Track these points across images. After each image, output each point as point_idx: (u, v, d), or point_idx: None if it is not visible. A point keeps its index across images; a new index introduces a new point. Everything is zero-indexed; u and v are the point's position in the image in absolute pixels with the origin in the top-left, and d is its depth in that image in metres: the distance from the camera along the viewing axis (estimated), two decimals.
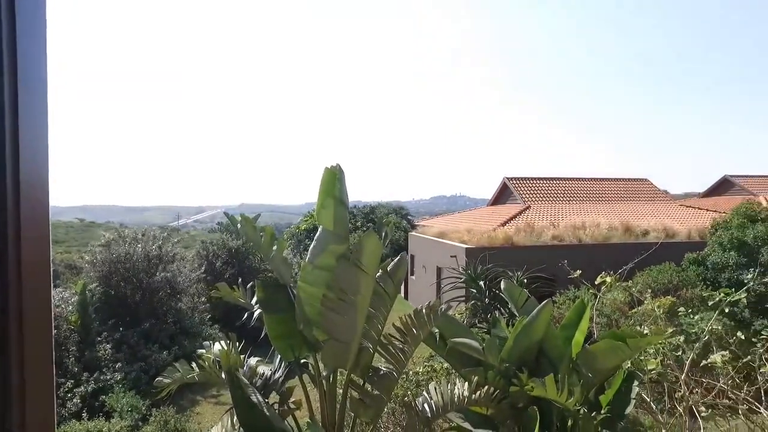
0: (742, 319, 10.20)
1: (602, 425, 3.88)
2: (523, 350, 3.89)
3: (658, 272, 10.96)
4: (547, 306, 3.78)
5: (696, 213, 23.32)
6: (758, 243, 10.52)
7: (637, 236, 18.08)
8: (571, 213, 22.37)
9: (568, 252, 14.93)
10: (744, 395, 4.34)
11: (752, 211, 12.01)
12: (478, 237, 18.38)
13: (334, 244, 3.36)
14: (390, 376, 3.63)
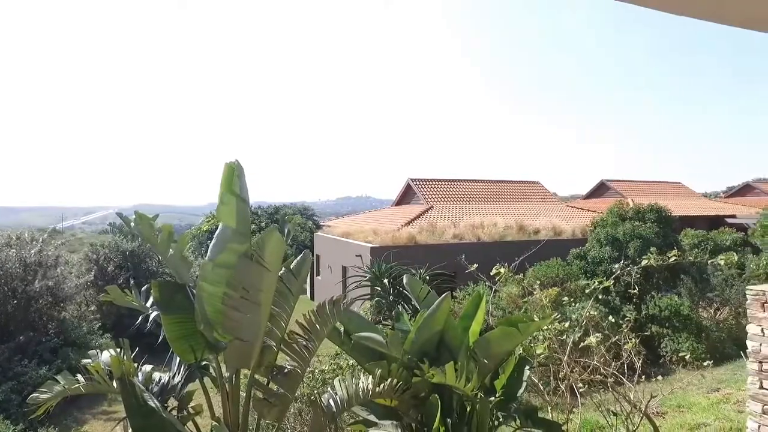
0: (614, 306, 11.44)
1: (497, 408, 4.16)
2: (425, 341, 4.05)
3: (547, 267, 11.92)
4: (446, 299, 3.97)
5: (579, 213, 25.68)
6: (626, 238, 11.86)
7: (529, 234, 19.51)
8: (471, 213, 23.61)
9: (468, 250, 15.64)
10: (612, 370, 4.91)
11: (622, 211, 13.49)
12: (383, 236, 18.76)
13: (236, 242, 3.28)
14: (295, 374, 3.62)
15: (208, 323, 3.32)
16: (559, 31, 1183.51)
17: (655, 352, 11.14)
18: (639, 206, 13.52)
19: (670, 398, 8.02)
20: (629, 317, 5.41)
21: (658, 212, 13.08)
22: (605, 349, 5.32)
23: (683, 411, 7.18)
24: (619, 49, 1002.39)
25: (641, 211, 13.12)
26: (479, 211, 24.23)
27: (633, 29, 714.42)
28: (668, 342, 10.87)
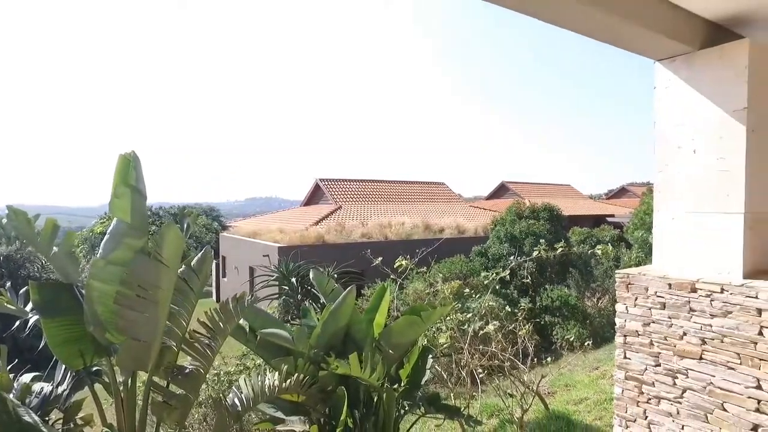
0: (512, 298, 12.23)
1: (403, 397, 4.31)
2: (331, 335, 4.09)
3: (451, 263, 12.46)
4: (351, 292, 4.03)
5: (482, 212, 27.09)
6: (523, 236, 12.76)
7: (434, 233, 20.23)
8: (379, 212, 24.01)
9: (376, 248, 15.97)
10: (509, 355, 5.29)
11: (519, 210, 14.47)
12: (291, 236, 18.52)
13: (131, 237, 3.11)
14: (197, 374, 3.48)
15: (99, 324, 3.11)
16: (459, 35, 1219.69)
17: (548, 339, 12.07)
18: (534, 206, 14.60)
19: (559, 379, 8.76)
20: (523, 307, 5.85)
21: (550, 211, 14.24)
22: (503, 336, 5.71)
23: (569, 389, 7.87)
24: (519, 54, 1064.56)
25: (536, 211, 14.20)
26: (387, 210, 24.72)
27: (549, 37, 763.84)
28: (558, 329, 11.82)
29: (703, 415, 3.18)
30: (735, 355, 3.01)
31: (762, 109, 3.16)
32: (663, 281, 3.33)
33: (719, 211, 3.20)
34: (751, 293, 2.92)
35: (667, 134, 3.47)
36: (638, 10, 2.93)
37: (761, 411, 2.92)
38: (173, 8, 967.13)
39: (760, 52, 3.15)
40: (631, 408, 3.59)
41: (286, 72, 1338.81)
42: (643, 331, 3.47)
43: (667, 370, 3.36)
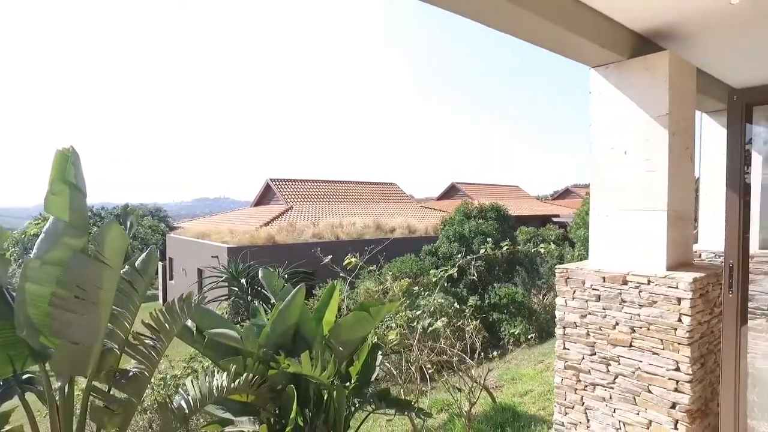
0: (462, 297, 12.53)
1: (353, 394, 4.35)
2: (281, 334, 4.08)
3: (401, 263, 12.62)
4: (301, 290, 4.04)
5: (432, 213, 27.52)
6: (472, 235, 13.10)
7: (386, 233, 20.41)
8: (331, 213, 23.96)
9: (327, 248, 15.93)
10: (457, 351, 5.44)
11: (468, 210, 14.83)
12: (241, 237, 18.19)
13: (70, 237, 2.99)
14: (141, 377, 3.39)
15: (31, 328, 2.98)
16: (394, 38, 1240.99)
17: (497, 335, 12.44)
18: (482, 206, 15.01)
19: (506, 373, 9.06)
20: (471, 304, 6.03)
21: (498, 211, 14.68)
22: (451, 333, 5.86)
23: (516, 382, 8.16)
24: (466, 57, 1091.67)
25: (484, 211, 14.60)
26: (339, 210, 24.70)
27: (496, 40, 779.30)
28: (506, 326, 12.21)
29: (632, 397, 3.41)
30: (659, 341, 3.24)
31: (680, 115, 3.42)
32: (598, 275, 3.54)
33: (646, 209, 3.44)
34: (672, 284, 3.16)
35: (601, 136, 3.69)
36: (576, 20, 3.11)
37: (679, 390, 3.17)
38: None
39: (678, 63, 3.42)
40: (570, 395, 3.79)
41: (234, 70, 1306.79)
42: (581, 322, 3.67)
43: (601, 358, 3.57)
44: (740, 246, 2.98)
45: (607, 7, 3.18)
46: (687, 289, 3.10)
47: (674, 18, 3.26)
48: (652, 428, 3.33)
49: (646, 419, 3.36)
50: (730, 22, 3.30)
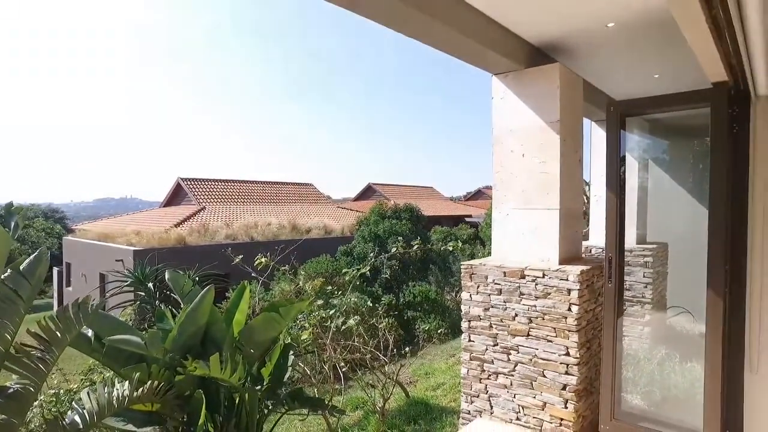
0: (377, 296, 12.73)
1: (266, 395, 4.29)
2: (189, 337, 3.93)
3: (317, 263, 12.57)
4: (209, 291, 3.92)
5: (349, 213, 27.62)
6: (386, 235, 13.36)
7: (302, 233, 20.20)
8: (245, 213, 23.29)
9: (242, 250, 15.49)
10: (370, 348, 5.54)
11: (383, 210, 15.09)
12: (149, 239, 17.17)
13: None
14: (24, 394, 3.10)
15: None
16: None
17: (412, 333, 12.76)
18: (396, 206, 15.34)
19: (420, 368, 9.33)
20: (384, 302, 6.16)
21: (411, 212, 15.07)
22: (365, 331, 5.95)
23: (429, 376, 8.44)
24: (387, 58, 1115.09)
25: (398, 211, 14.92)
26: (254, 211, 24.08)
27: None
28: (420, 323, 12.56)
29: (530, 382, 3.68)
30: (552, 329, 3.53)
31: (569, 122, 3.75)
32: (499, 270, 3.78)
33: (542, 208, 3.72)
34: (563, 276, 3.46)
35: (502, 139, 3.94)
36: (479, 30, 3.30)
37: (569, 373, 3.47)
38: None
39: (567, 74, 3.75)
40: (475, 385, 4.01)
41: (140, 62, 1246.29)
42: (484, 315, 3.89)
43: (503, 348, 3.81)
44: (617, 241, 3.32)
45: (505, 20, 3.41)
46: (575, 280, 3.40)
47: (562, 35, 3.57)
48: (547, 409, 3.61)
49: (541, 401, 3.64)
50: (608, 42, 3.68)
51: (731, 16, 1.94)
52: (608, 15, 3.28)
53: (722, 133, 2.92)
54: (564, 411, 3.53)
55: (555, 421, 3.58)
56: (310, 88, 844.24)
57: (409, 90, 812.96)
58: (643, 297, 5.68)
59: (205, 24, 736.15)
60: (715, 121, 2.95)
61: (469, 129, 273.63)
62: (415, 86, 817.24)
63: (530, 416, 3.71)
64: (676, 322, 5.47)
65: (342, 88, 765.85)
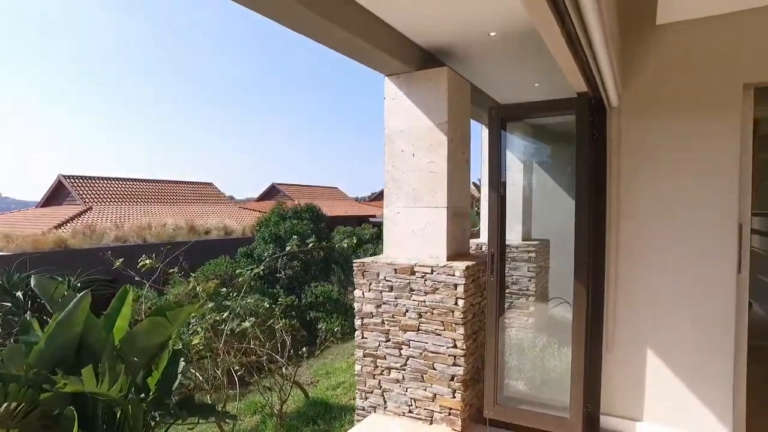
0: (279, 297, 12.50)
1: (152, 406, 4.02)
2: (59, 349, 3.58)
3: (215, 265, 12.06)
4: (85, 297, 3.60)
5: (251, 214, 26.80)
6: (287, 236, 13.15)
7: (200, 234, 19.26)
8: (139, 214, 21.74)
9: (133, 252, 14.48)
10: (267, 350, 5.42)
11: (283, 211, 14.85)
12: (20, 242, 15.40)
13: None
14: None
15: None
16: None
17: (315, 333, 12.67)
18: (297, 207, 15.15)
19: (321, 368, 9.30)
20: (281, 302, 6.05)
21: (312, 212, 14.96)
22: (262, 333, 5.80)
23: (330, 376, 8.44)
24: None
25: (299, 211, 14.75)
26: (148, 212, 22.55)
27: None
28: (323, 323, 12.51)
29: (420, 376, 3.81)
30: (440, 323, 3.68)
31: (457, 124, 3.94)
32: (390, 267, 3.87)
33: (431, 206, 3.87)
34: (450, 272, 3.62)
35: (393, 139, 4.04)
36: (370, 31, 3.35)
37: (456, 364, 3.65)
38: None
39: (455, 78, 3.93)
40: (369, 381, 4.07)
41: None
42: (376, 312, 3.96)
43: (395, 344, 3.91)
44: (498, 237, 3.55)
45: (396, 23, 3.50)
46: (461, 275, 3.58)
47: (449, 40, 3.75)
48: (437, 400, 3.76)
49: (432, 393, 3.78)
50: (491, 50, 3.91)
51: (578, 34, 2.15)
52: (490, 25, 3.48)
53: (584, 138, 3.23)
54: (452, 401, 3.70)
55: (444, 411, 3.74)
56: (216, 86, 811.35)
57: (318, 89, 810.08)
58: (528, 290, 6.12)
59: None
60: (579, 128, 3.25)
61: (377, 128, 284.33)
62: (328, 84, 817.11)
63: (422, 408, 3.84)
64: (556, 311, 5.96)
65: (252, 86, 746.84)
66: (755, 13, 3.11)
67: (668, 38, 3.37)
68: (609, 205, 3.54)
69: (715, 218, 3.27)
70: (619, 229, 3.56)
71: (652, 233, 3.46)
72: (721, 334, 3.29)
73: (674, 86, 3.37)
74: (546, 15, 1.95)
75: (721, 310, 3.29)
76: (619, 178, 3.53)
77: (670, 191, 3.40)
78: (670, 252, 3.41)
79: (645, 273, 3.50)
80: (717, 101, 3.24)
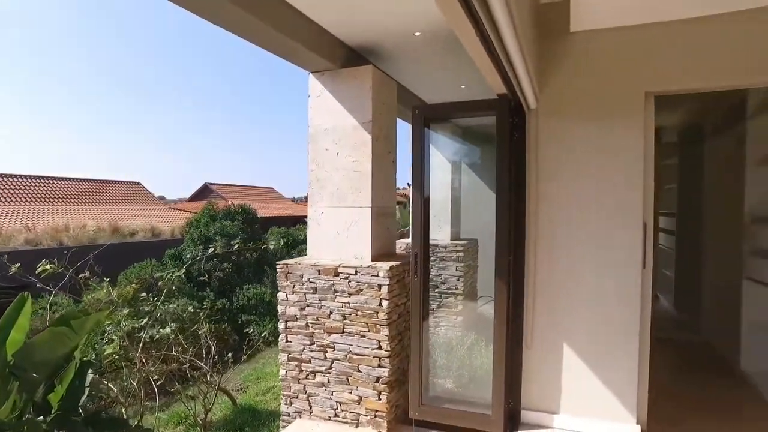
0: (209, 300, 12.03)
1: (55, 425, 3.69)
2: None
3: (140, 269, 11.42)
4: None
5: (181, 214, 25.68)
6: (218, 237, 12.71)
7: (125, 236, 18.21)
8: (56, 215, 20.21)
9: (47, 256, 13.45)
10: (189, 357, 5.16)
11: (214, 211, 14.34)
12: None
13: None
14: None
15: None
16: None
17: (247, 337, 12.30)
18: (229, 207, 14.67)
19: (252, 373, 9.02)
20: (207, 305, 5.79)
21: (245, 212, 14.54)
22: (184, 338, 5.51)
23: (260, 381, 8.21)
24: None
25: (231, 212, 14.29)
26: (67, 212, 21.02)
27: None
28: (255, 326, 12.17)
29: (346, 378, 3.75)
30: (365, 325, 3.64)
31: (382, 123, 3.91)
32: (314, 268, 3.78)
33: (355, 206, 3.82)
34: (374, 272, 3.58)
35: (317, 137, 3.95)
36: (293, 27, 3.25)
37: (381, 366, 3.62)
38: None
39: (381, 77, 3.90)
40: (294, 386, 3.96)
41: None
42: (300, 314, 3.86)
43: (319, 347, 3.82)
44: (422, 236, 3.55)
45: (320, 19, 3.42)
46: (385, 276, 3.55)
47: (374, 39, 3.71)
48: (362, 402, 3.71)
49: (357, 396, 3.72)
50: (417, 50, 3.92)
51: (491, 35, 2.17)
52: (414, 25, 3.48)
53: (504, 139, 3.29)
54: (378, 403, 3.66)
55: (370, 414, 3.69)
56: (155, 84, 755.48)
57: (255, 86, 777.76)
58: (457, 289, 6.21)
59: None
60: (499, 129, 3.31)
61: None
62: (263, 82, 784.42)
63: (347, 411, 3.77)
64: (484, 309, 6.09)
65: (194, 84, 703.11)
66: (659, 26, 3.30)
67: (581, 45, 3.51)
68: (528, 204, 3.64)
69: (622, 217, 3.44)
70: (537, 228, 3.66)
71: (567, 232, 3.59)
72: (627, 326, 3.46)
73: (585, 91, 3.51)
74: (459, 15, 1.95)
75: (628, 304, 3.46)
76: (537, 178, 3.64)
77: (583, 191, 3.53)
78: (584, 250, 3.55)
79: (560, 270, 3.62)
80: (622, 107, 3.41)
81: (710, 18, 3.17)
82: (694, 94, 5.11)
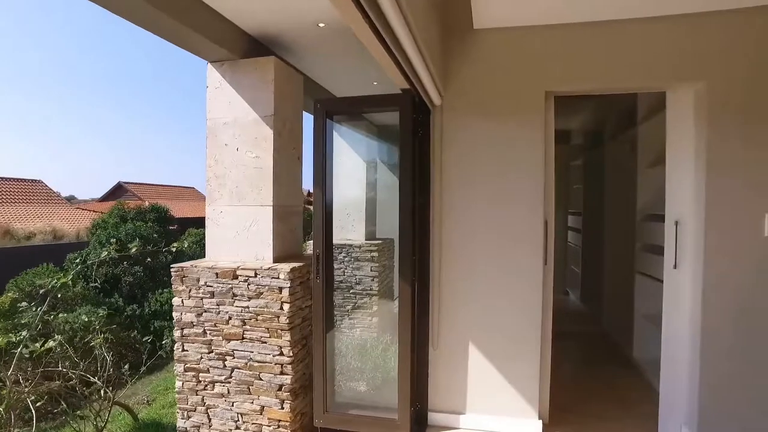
0: (118, 307, 11.21)
1: None
2: None
3: (34, 275, 10.38)
4: None
5: (90, 215, 23.83)
6: (129, 239, 11.83)
7: (19, 240, 16.57)
8: None
9: None
10: (79, 371, 4.68)
11: (124, 211, 13.40)
12: None
13: None
14: None
15: None
16: None
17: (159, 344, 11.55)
18: (140, 207, 13.73)
19: (161, 384, 8.46)
20: (102, 314, 5.30)
21: (158, 212, 13.68)
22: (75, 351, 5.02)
23: (169, 392, 7.70)
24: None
25: (143, 212, 13.38)
26: None
27: None
28: (168, 333, 11.46)
29: (247, 388, 3.52)
30: (266, 330, 3.44)
31: (286, 117, 3.73)
32: (211, 271, 3.52)
33: (256, 204, 3.60)
34: (275, 275, 3.39)
35: (216, 131, 3.69)
36: (189, 13, 3.01)
37: (284, 373, 3.43)
38: None
39: (285, 69, 3.71)
40: (192, 398, 3.67)
41: None
42: (197, 321, 3.59)
43: (218, 355, 3.57)
44: (323, 236, 3.41)
45: (218, 5, 3.19)
46: (286, 278, 3.36)
47: (278, 29, 3.52)
48: (265, 412, 3.50)
49: (259, 405, 3.51)
50: (324, 43, 3.77)
51: (383, 33, 2.07)
52: (317, 15, 3.33)
53: (408, 135, 3.22)
54: (281, 412, 3.47)
55: (273, 424, 3.50)
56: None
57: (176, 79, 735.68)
58: (372, 289, 6.12)
59: None
60: (403, 125, 3.23)
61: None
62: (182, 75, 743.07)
63: (249, 422, 3.55)
64: None
65: (114, 79, 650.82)
66: (560, 27, 3.37)
67: (484, 43, 3.52)
68: (432, 202, 3.60)
69: (524, 215, 3.48)
70: (441, 226, 3.63)
71: (471, 230, 3.59)
72: (530, 322, 3.51)
73: (489, 89, 3.53)
74: (353, 12, 1.85)
75: (530, 300, 3.51)
76: (441, 175, 3.61)
77: (486, 189, 3.55)
78: (488, 248, 3.56)
79: (464, 269, 3.61)
80: (524, 106, 3.46)
81: (607, 23, 3.28)
82: (594, 98, 5.37)
